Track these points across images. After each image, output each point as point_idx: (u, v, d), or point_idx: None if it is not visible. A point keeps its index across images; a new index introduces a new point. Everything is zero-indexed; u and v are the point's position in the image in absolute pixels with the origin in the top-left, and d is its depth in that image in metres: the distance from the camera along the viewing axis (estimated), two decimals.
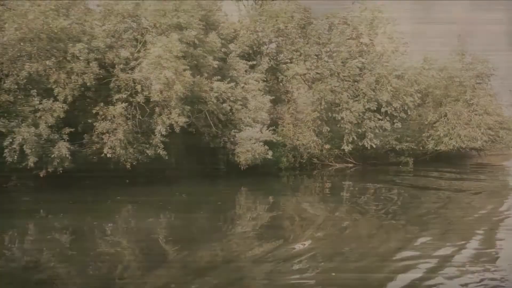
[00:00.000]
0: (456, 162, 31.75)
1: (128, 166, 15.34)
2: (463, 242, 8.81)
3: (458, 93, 27.50)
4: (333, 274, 6.99)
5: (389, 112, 25.58)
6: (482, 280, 6.51)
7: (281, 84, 26.09)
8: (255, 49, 24.45)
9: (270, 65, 24.26)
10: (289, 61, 25.65)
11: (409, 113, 26.27)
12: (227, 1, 25.05)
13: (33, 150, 12.88)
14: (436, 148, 27.93)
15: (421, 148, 28.77)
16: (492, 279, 6.56)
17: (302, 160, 25.39)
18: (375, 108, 25.16)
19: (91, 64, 14.07)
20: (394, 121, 26.08)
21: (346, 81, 25.15)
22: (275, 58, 25.46)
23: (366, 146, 25.61)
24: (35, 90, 13.66)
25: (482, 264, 7.28)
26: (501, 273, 6.87)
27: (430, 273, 6.84)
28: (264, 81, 22.05)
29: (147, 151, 15.49)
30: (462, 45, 29.08)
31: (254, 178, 19.82)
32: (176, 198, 14.76)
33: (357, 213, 12.44)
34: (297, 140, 24.56)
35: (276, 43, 25.47)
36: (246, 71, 20.07)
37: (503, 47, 39.47)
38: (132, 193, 15.35)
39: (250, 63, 21.61)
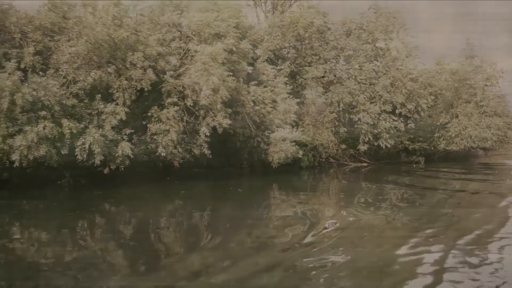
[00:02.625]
0: (464, 161, 33.81)
1: (177, 164, 17.18)
2: None
3: (468, 95, 29.63)
4: None
5: (403, 114, 27.64)
6: None
7: (300, 86, 28.02)
8: (276, 53, 26.41)
9: (291, 69, 26.22)
10: (307, 64, 27.63)
11: (422, 115, 28.35)
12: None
13: (100, 149, 14.69)
14: (447, 148, 29.98)
15: (432, 148, 30.82)
16: None
17: (321, 159, 27.37)
18: (391, 110, 27.18)
19: (147, 71, 15.92)
20: (408, 122, 28.18)
21: (363, 84, 27.13)
22: (295, 62, 27.39)
23: (382, 146, 27.55)
24: (99, 95, 15.47)
25: None
26: None
27: None
28: (285, 83, 23.99)
29: (194, 150, 17.34)
30: (471, 48, 31.27)
31: (280, 176, 21.63)
32: (230, 191, 16.81)
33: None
34: (317, 140, 26.52)
35: (296, 47, 27.41)
36: (275, 75, 21.96)
37: None
38: (182, 188, 17.31)
39: (276, 67, 23.54)
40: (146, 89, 15.86)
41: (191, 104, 16.96)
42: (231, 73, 17.43)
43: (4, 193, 15.74)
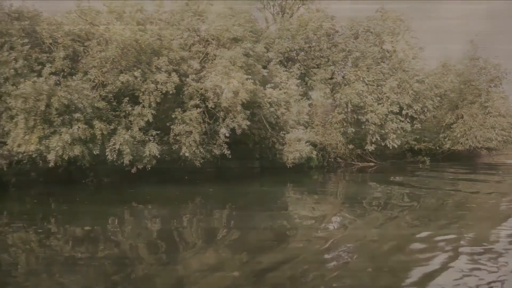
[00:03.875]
0: (467, 161, 34.87)
1: (198, 164, 18.13)
2: None
3: (473, 96, 30.76)
4: None
5: (409, 114, 28.68)
6: None
7: (308, 88, 29.01)
8: (286, 56, 27.41)
9: (300, 71, 27.20)
10: (316, 66, 28.65)
11: (428, 115, 29.43)
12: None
13: (129, 150, 15.64)
14: (452, 148, 31.09)
15: (437, 148, 31.91)
16: None
17: (330, 159, 28.40)
18: (397, 111, 28.21)
19: (172, 75, 16.87)
20: (414, 122, 29.25)
21: (370, 85, 28.14)
22: (305, 64, 28.37)
23: (388, 146, 28.57)
24: (127, 98, 16.42)
25: None
26: None
27: None
28: (298, 85, 24.97)
29: (214, 151, 18.29)
30: (475, 50, 32.39)
31: (291, 175, 22.59)
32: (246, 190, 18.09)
33: None
34: (326, 140, 27.54)
35: (305, 50, 28.39)
36: (288, 78, 22.95)
37: None
38: (206, 187, 18.49)
39: (288, 70, 24.53)
40: (171, 92, 16.77)
41: (212, 106, 17.90)
42: (250, 76, 18.36)
43: (31, 191, 16.77)
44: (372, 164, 31.30)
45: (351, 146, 29.53)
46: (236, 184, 20.13)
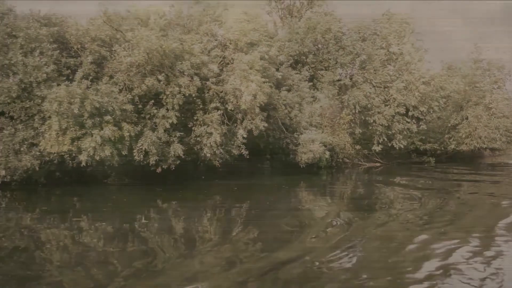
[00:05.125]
0: (471, 161, 35.94)
1: (217, 164, 19.08)
2: None
3: (478, 98, 31.90)
4: None
5: (415, 115, 29.70)
6: None
7: (316, 89, 29.97)
8: (296, 58, 28.38)
9: (309, 73, 28.18)
10: (324, 68, 29.63)
11: (433, 116, 30.51)
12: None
13: (156, 150, 16.60)
14: (457, 148, 32.20)
15: (442, 149, 33.00)
16: None
17: (338, 159, 29.36)
18: (404, 112, 29.23)
19: (194, 78, 17.83)
20: (420, 123, 30.29)
21: (377, 87, 29.17)
22: (313, 66, 29.34)
23: (395, 146, 29.59)
24: (152, 100, 17.37)
25: None
26: None
27: None
28: (309, 88, 25.98)
29: (233, 151, 19.25)
30: (478, 52, 33.49)
31: (302, 175, 23.45)
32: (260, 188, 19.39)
33: None
34: (335, 141, 28.49)
35: (314, 53, 29.36)
36: (300, 80, 23.95)
37: None
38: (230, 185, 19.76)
39: (299, 72, 25.52)
40: (193, 95, 17.72)
41: (232, 109, 18.86)
42: (267, 80, 19.34)
43: (57, 190, 17.71)
44: (378, 164, 32.21)
45: (358, 147, 30.48)
46: (247, 183, 21.27)
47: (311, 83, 29.24)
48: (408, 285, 7.88)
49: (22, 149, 16.21)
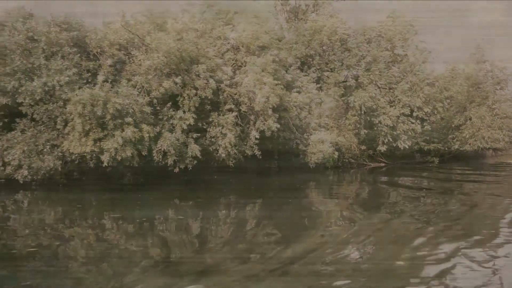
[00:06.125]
0: (474, 161, 36.68)
1: (231, 163, 19.79)
2: None
3: (481, 99, 32.77)
4: None
5: (420, 116, 30.49)
6: None
7: (321, 91, 30.72)
8: (303, 60, 29.12)
9: (316, 75, 28.93)
10: (330, 70, 30.38)
11: (438, 117, 31.33)
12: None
13: (174, 151, 17.32)
14: (461, 149, 33.06)
15: (446, 149, 33.84)
16: None
17: (344, 160, 30.13)
18: (409, 113, 30.02)
19: (209, 81, 18.56)
20: (424, 124, 31.08)
21: (383, 88, 29.94)
22: (319, 68, 30.08)
23: (400, 147, 30.36)
24: (170, 103, 18.09)
25: None
26: None
27: None
28: (318, 89, 26.71)
29: (247, 151, 19.97)
30: (481, 53, 34.30)
31: (310, 175, 24.28)
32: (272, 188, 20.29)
33: None
34: (342, 141, 29.25)
35: (320, 54, 30.11)
36: (308, 82, 24.70)
37: None
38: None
39: (306, 74, 26.28)
40: (209, 97, 18.45)
41: (245, 110, 19.59)
42: (279, 82, 20.07)
43: (76, 189, 18.40)
44: (382, 164, 32.97)
45: (363, 147, 31.24)
46: (264, 181, 22.42)
47: (319, 85, 30.23)
48: (415, 283, 8.24)
49: (45, 150, 16.89)
